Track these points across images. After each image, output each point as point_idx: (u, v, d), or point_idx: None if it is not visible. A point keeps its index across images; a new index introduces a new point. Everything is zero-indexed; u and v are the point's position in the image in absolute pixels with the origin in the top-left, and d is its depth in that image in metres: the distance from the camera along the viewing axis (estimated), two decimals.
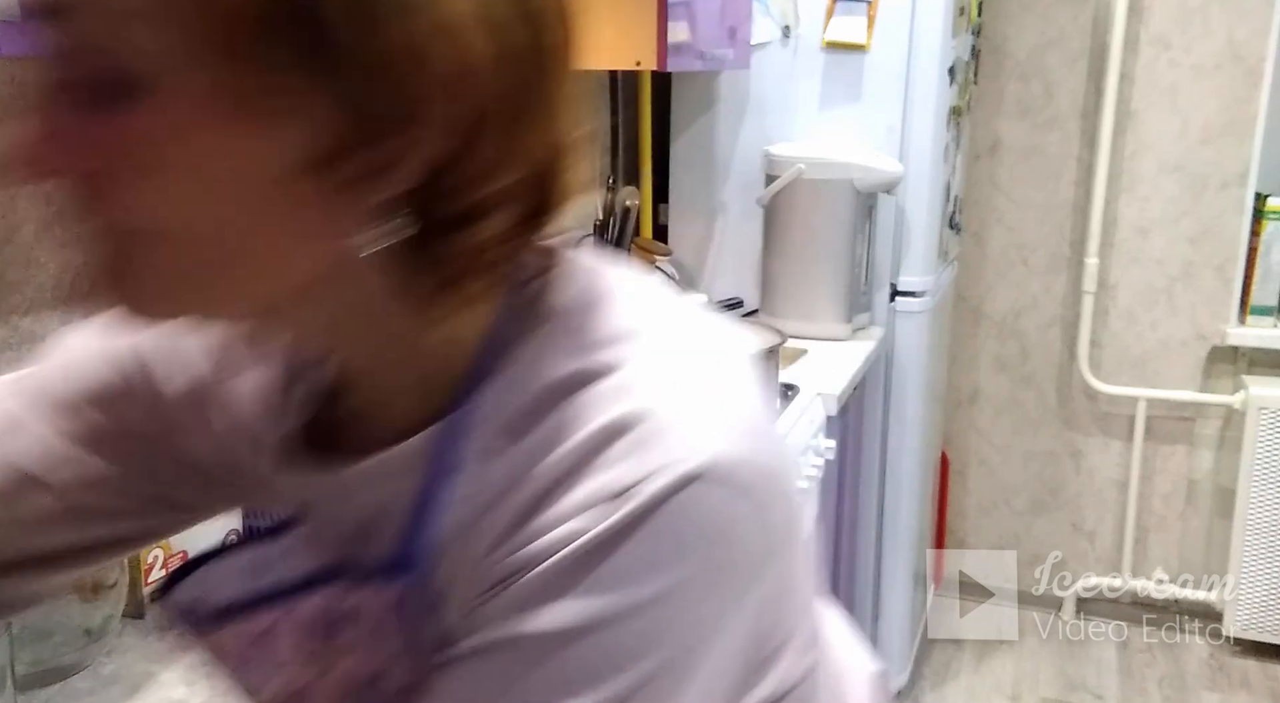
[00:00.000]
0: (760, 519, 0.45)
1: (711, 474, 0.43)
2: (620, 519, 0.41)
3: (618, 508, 0.41)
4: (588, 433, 0.43)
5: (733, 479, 0.43)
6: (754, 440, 0.46)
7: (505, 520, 0.44)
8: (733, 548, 0.44)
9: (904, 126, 2.12)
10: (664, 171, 2.35)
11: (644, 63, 1.67)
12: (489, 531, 0.44)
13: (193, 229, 0.42)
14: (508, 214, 0.45)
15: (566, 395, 0.45)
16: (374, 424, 0.52)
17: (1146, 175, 2.59)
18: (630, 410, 0.43)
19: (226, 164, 0.41)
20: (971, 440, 2.88)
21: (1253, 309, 2.55)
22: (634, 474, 0.42)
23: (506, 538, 0.44)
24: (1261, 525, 2.54)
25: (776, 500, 0.47)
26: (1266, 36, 2.42)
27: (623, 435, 0.43)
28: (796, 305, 2.12)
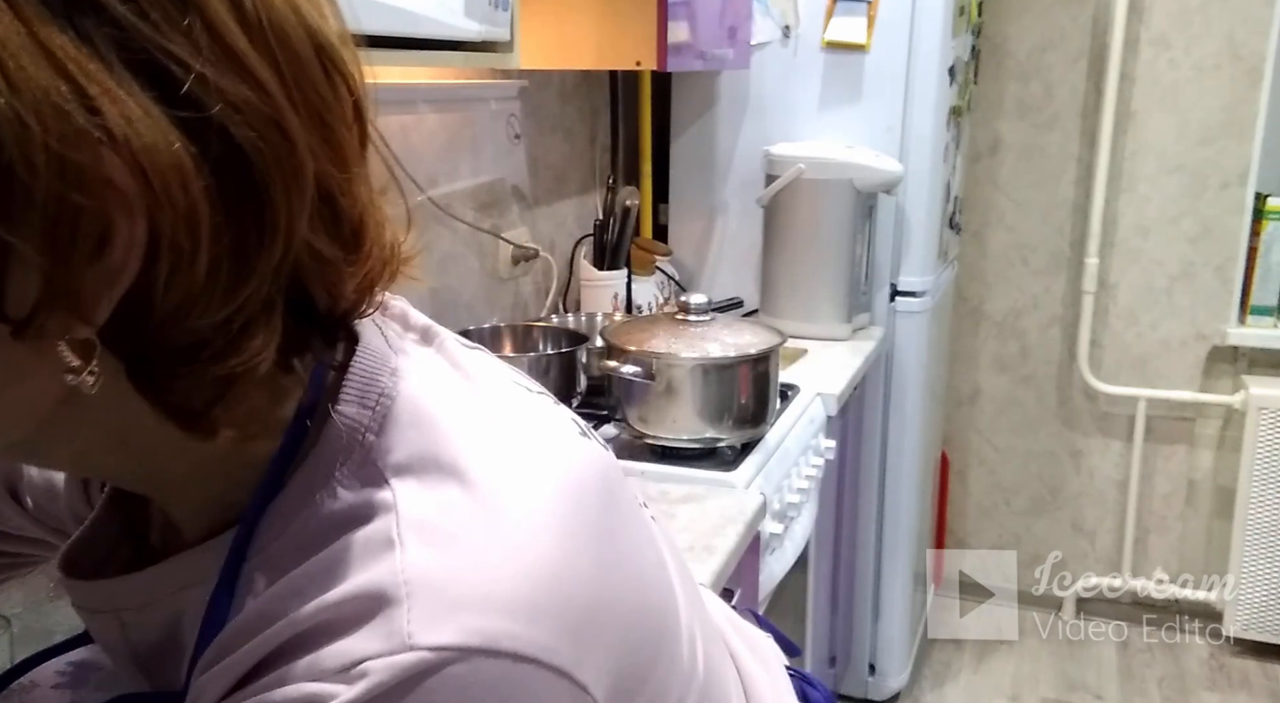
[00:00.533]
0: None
1: (450, 667, 0.37)
2: (363, 698, 0.37)
3: (343, 687, 0.37)
4: (339, 594, 0.39)
5: (480, 673, 0.38)
6: (545, 628, 0.40)
7: (239, 669, 0.40)
8: None
9: (904, 126, 2.12)
10: (664, 172, 2.35)
11: (644, 63, 1.67)
12: (224, 673, 0.40)
13: None
14: (257, 339, 0.40)
15: (335, 533, 0.41)
16: (179, 538, 0.49)
17: (1146, 175, 2.59)
18: (387, 575, 0.39)
19: None
20: (971, 440, 2.88)
21: (1253, 309, 2.54)
22: (366, 651, 0.37)
23: (235, 687, 0.40)
24: (1261, 525, 2.54)
25: (551, 693, 0.39)
26: (1266, 36, 2.42)
27: (373, 604, 0.38)
28: (796, 305, 2.12)
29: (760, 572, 1.47)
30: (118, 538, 0.53)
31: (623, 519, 0.47)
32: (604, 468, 0.47)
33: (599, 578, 0.43)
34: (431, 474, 0.42)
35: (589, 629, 0.42)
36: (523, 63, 1.25)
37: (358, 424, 0.44)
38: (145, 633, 0.48)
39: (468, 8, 1.09)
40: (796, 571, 1.66)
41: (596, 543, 0.44)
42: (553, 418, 0.49)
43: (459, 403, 0.46)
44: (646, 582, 0.47)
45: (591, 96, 2.24)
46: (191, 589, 0.45)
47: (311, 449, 0.44)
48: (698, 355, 1.45)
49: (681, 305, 1.53)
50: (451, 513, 0.41)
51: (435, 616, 0.38)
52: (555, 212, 2.13)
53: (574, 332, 1.76)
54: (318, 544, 0.41)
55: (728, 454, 1.48)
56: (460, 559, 0.40)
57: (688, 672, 0.50)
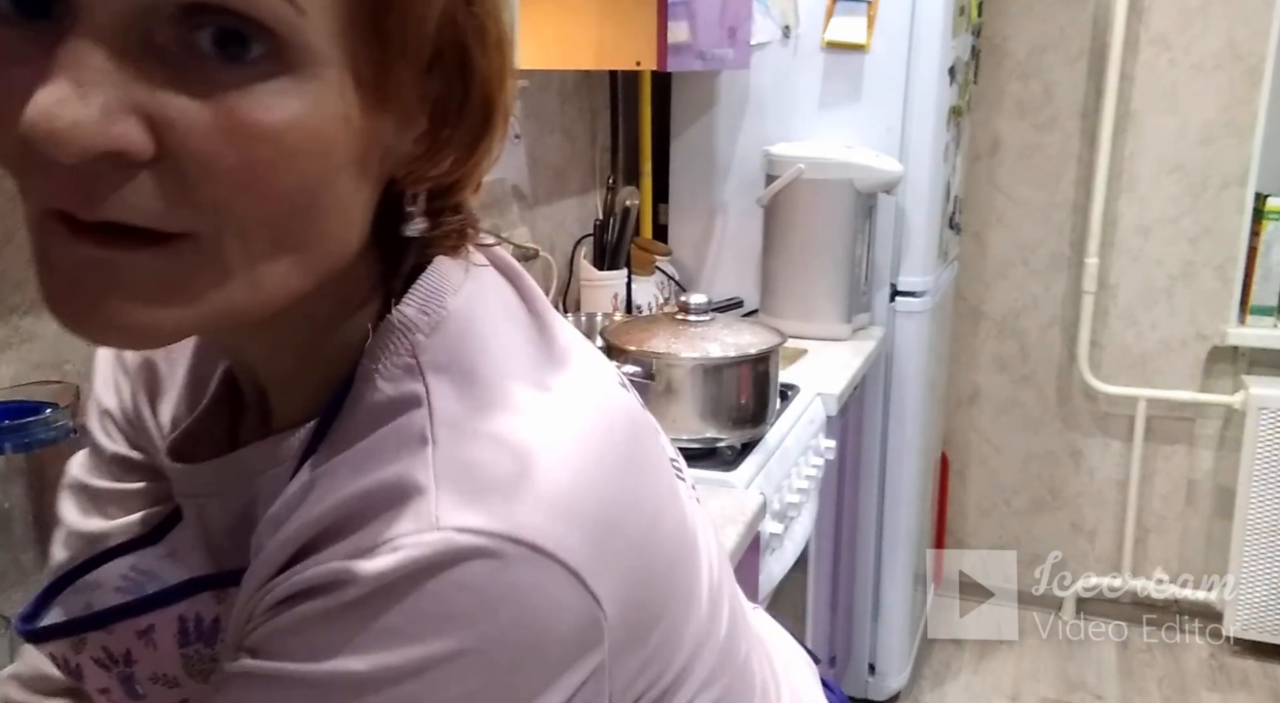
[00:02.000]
0: (542, 609, 0.41)
1: (476, 551, 0.40)
2: (392, 573, 0.39)
3: (373, 560, 0.40)
4: (374, 482, 0.42)
5: (500, 557, 0.40)
6: (563, 527, 0.42)
7: (284, 553, 0.43)
8: (493, 634, 0.40)
9: (904, 126, 2.12)
10: (664, 172, 2.35)
11: (644, 63, 1.67)
12: (270, 557, 0.43)
13: (281, 222, 0.40)
14: (467, 209, 0.49)
15: (373, 424, 0.44)
16: (266, 422, 0.52)
17: (1146, 175, 2.59)
18: (419, 467, 0.42)
19: (343, 150, 0.41)
20: (971, 440, 2.88)
21: (1253, 309, 2.54)
22: (397, 531, 0.40)
23: (290, 562, 0.42)
24: (1261, 526, 2.54)
25: (566, 594, 0.42)
26: (1266, 36, 2.42)
27: (404, 493, 0.41)
28: (796, 305, 2.12)
29: (760, 572, 1.47)
30: (220, 435, 0.56)
31: (646, 467, 0.49)
32: (636, 417, 0.50)
33: (619, 504, 0.45)
34: (468, 379, 0.45)
35: (605, 545, 0.44)
36: (522, 63, 1.25)
37: (411, 324, 0.46)
38: (221, 521, 0.51)
39: None
40: (796, 571, 1.66)
41: (619, 476, 0.46)
42: (599, 364, 0.52)
43: (514, 329, 0.49)
44: (662, 529, 0.48)
45: (591, 96, 2.24)
46: (265, 474, 0.48)
47: (369, 344, 0.47)
48: (698, 355, 1.45)
49: (681, 305, 1.53)
50: (484, 418, 0.44)
51: (461, 502, 0.41)
52: (555, 212, 2.13)
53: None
54: (361, 433, 0.44)
55: (728, 454, 1.48)
56: (489, 457, 0.42)
57: (704, 629, 0.52)
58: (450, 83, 0.44)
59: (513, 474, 0.42)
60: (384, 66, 0.41)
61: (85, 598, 0.56)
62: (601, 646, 0.44)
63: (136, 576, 0.57)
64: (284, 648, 0.41)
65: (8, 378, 1.03)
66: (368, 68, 0.40)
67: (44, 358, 1.08)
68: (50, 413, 0.89)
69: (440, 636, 0.39)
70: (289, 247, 0.41)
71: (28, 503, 0.87)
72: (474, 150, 0.46)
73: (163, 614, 0.51)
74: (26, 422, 0.87)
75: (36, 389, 0.94)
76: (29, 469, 0.87)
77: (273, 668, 0.41)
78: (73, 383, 0.99)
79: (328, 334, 0.48)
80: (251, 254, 0.40)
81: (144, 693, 0.54)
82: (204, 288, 0.40)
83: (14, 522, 0.87)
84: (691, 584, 0.51)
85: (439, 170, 0.46)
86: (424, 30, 0.41)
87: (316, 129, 0.39)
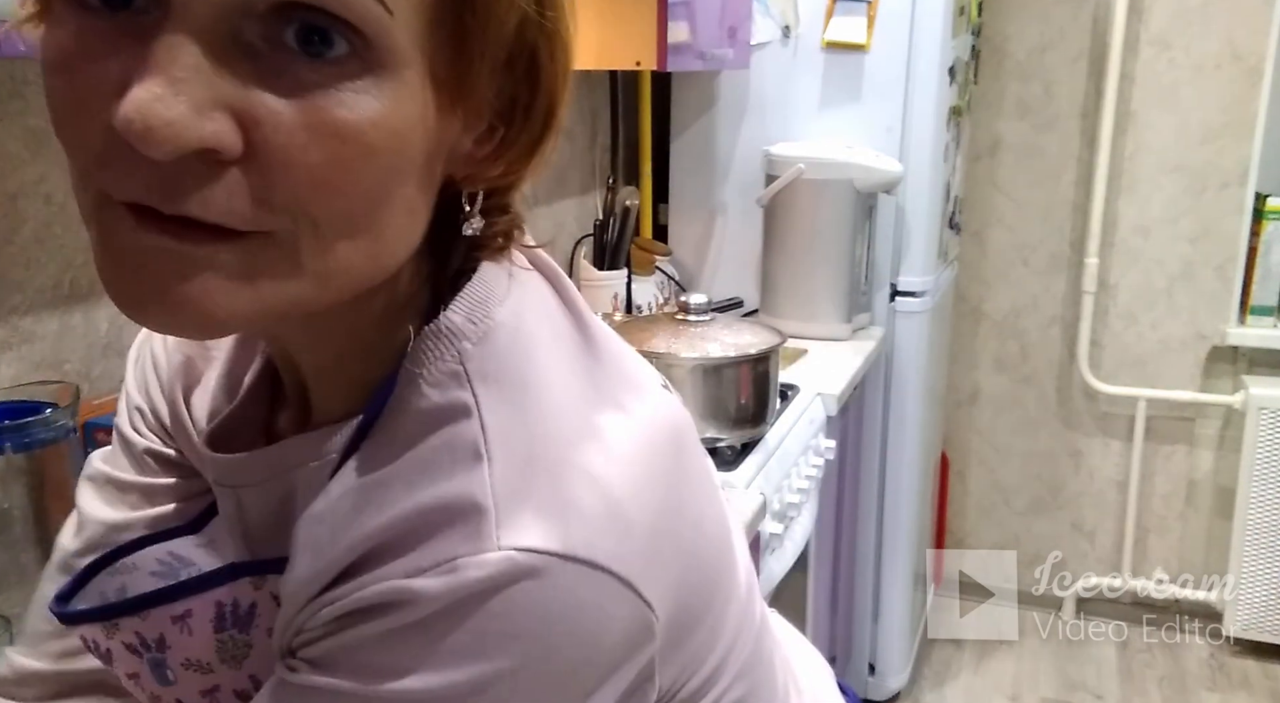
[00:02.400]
0: (590, 623, 0.42)
1: (535, 570, 0.41)
2: (454, 593, 0.40)
3: (434, 580, 0.40)
4: (432, 500, 0.42)
5: (560, 576, 0.41)
6: (615, 541, 0.43)
7: (335, 566, 0.43)
8: (552, 647, 0.41)
9: (904, 126, 2.12)
10: (664, 172, 2.35)
11: (644, 63, 1.67)
12: (319, 572, 0.44)
13: (355, 219, 0.41)
14: (514, 210, 0.49)
15: (422, 432, 0.44)
16: (308, 416, 0.52)
17: (1146, 175, 2.58)
18: (478, 486, 0.42)
19: (418, 149, 0.41)
20: (971, 440, 2.88)
21: (1253, 309, 2.54)
22: (458, 551, 0.41)
23: (345, 575, 0.43)
24: (1261, 526, 2.54)
25: (619, 604, 0.43)
26: (1266, 36, 2.42)
27: (464, 512, 0.41)
28: (796, 305, 2.12)
29: (760, 572, 1.47)
30: (256, 427, 0.57)
31: (691, 472, 0.50)
32: (679, 422, 0.51)
33: (668, 511, 0.46)
34: (516, 391, 0.45)
35: (657, 552, 0.45)
36: None
37: (459, 331, 0.47)
38: (259, 511, 0.52)
39: None
40: (796, 571, 1.66)
41: (668, 484, 0.47)
42: (642, 369, 0.53)
43: (559, 340, 0.49)
44: (705, 533, 0.50)
45: (591, 96, 2.24)
46: (305, 467, 0.48)
47: (413, 348, 0.47)
48: (698, 355, 1.45)
49: (681, 305, 1.53)
50: (535, 432, 0.44)
51: (520, 522, 0.41)
52: (555, 212, 2.13)
53: None
54: (410, 440, 0.44)
55: (728, 454, 1.48)
56: (545, 476, 0.43)
57: (738, 627, 0.54)
58: (519, 85, 0.44)
59: (568, 492, 0.43)
60: (462, 68, 0.41)
61: (121, 580, 0.56)
62: (653, 644, 0.45)
63: (172, 561, 0.57)
64: (347, 666, 0.41)
65: (8, 378, 1.03)
66: (446, 68, 0.41)
67: (44, 358, 1.08)
68: (50, 413, 0.89)
69: (502, 654, 0.40)
70: (359, 244, 0.41)
71: (28, 503, 0.87)
72: (533, 152, 0.47)
73: (201, 599, 0.52)
74: (26, 422, 0.87)
75: (36, 389, 0.94)
76: (29, 469, 0.87)
77: (335, 685, 0.41)
78: (73, 383, 0.99)
79: (374, 330, 0.49)
80: (323, 251, 0.40)
81: (174, 679, 0.54)
82: (274, 281, 0.40)
83: (14, 522, 0.87)
84: (730, 584, 0.53)
85: (497, 171, 0.46)
86: (503, 33, 0.42)
87: (396, 128, 0.39)
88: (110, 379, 1.15)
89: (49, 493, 0.88)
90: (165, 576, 0.56)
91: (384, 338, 0.48)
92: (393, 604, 0.41)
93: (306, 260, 0.40)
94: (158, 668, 0.54)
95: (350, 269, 0.42)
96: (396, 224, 0.43)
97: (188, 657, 0.53)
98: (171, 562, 0.57)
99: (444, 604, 0.40)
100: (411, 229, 0.45)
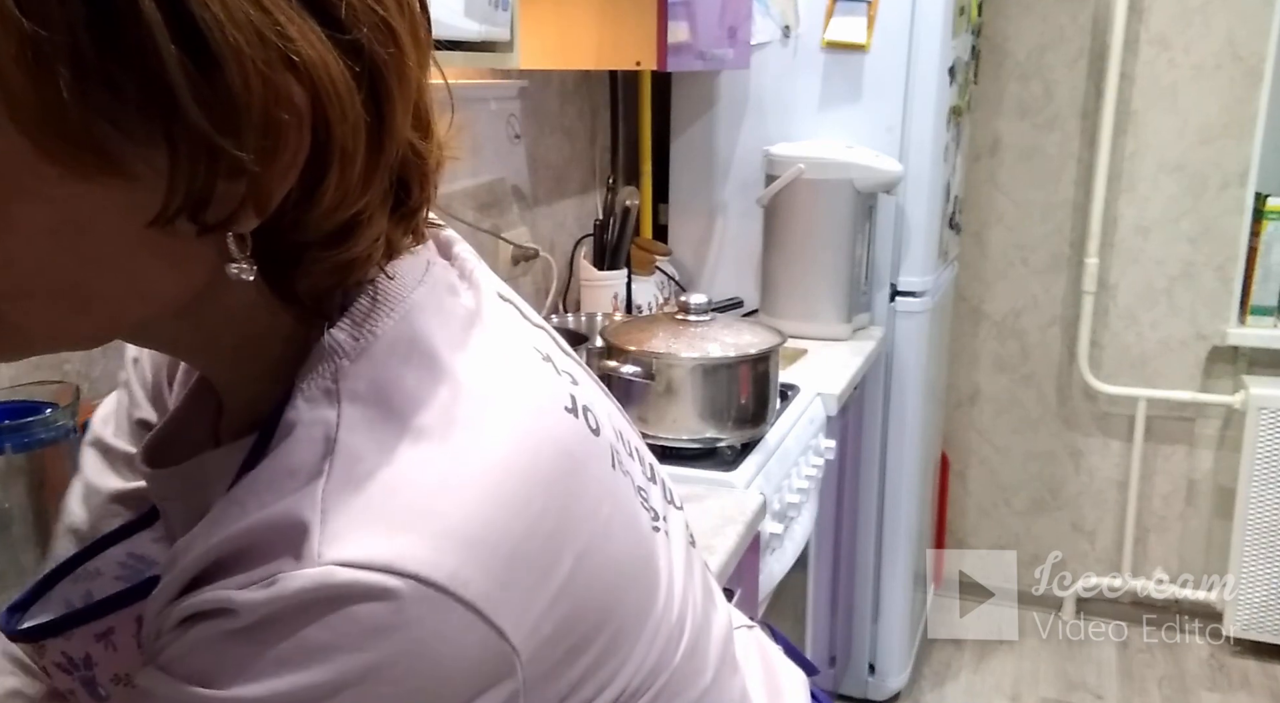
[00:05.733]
0: (417, 647, 0.41)
1: (359, 583, 0.40)
2: (271, 604, 0.40)
3: (255, 592, 0.40)
4: (265, 518, 0.42)
5: (385, 592, 0.40)
6: (458, 564, 0.41)
7: (180, 580, 0.44)
8: (379, 664, 0.40)
9: (904, 126, 2.12)
10: (664, 171, 2.35)
11: (644, 63, 1.67)
12: (170, 583, 0.44)
13: (46, 283, 0.41)
14: (375, 227, 0.46)
15: (292, 445, 0.44)
16: (229, 428, 0.53)
17: (1146, 175, 2.59)
18: (308, 504, 0.42)
19: (71, 220, 0.39)
20: (971, 440, 2.88)
21: (1253, 309, 2.54)
22: (281, 567, 0.40)
23: (189, 587, 0.43)
24: (1261, 526, 2.54)
25: (463, 631, 0.41)
26: (1266, 36, 2.42)
27: (293, 530, 0.41)
28: (796, 305, 2.12)
29: (760, 572, 1.47)
30: (196, 438, 0.56)
31: (577, 499, 0.47)
32: (572, 445, 0.48)
33: (530, 539, 0.44)
34: (380, 409, 0.44)
35: (513, 579, 0.43)
36: (523, 63, 1.25)
37: (339, 349, 0.46)
38: (183, 523, 0.51)
39: (468, 8, 1.09)
40: (796, 571, 1.66)
41: (535, 511, 0.44)
42: (539, 391, 0.50)
43: (447, 351, 0.47)
44: (596, 562, 0.47)
45: (591, 96, 2.24)
46: (216, 485, 0.47)
47: (305, 365, 0.46)
48: (698, 355, 1.45)
49: (681, 305, 1.53)
50: (386, 450, 0.43)
51: (346, 537, 0.40)
52: (555, 212, 2.13)
53: (574, 332, 1.76)
54: (275, 455, 0.44)
55: (728, 454, 1.48)
56: (379, 493, 0.42)
57: (650, 667, 0.51)
58: (215, 130, 0.40)
59: (401, 508, 0.42)
60: (69, 137, 0.39)
61: (84, 587, 0.57)
62: (514, 677, 0.43)
63: (134, 562, 0.57)
64: (184, 670, 0.41)
65: (8, 378, 1.03)
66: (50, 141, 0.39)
67: (44, 358, 1.08)
68: (50, 413, 0.89)
69: (323, 666, 0.39)
70: (66, 309, 0.42)
71: (28, 503, 0.87)
72: (324, 180, 0.43)
73: (121, 616, 0.52)
74: (26, 422, 0.87)
75: (36, 389, 0.94)
76: (29, 469, 0.87)
77: (175, 690, 0.41)
78: (72, 383, 0.99)
79: (265, 349, 0.49)
80: (42, 321, 0.42)
81: (107, 694, 0.54)
82: (12, 345, 0.43)
83: (14, 522, 0.87)
84: (639, 615, 0.50)
85: (317, 210, 0.43)
86: None
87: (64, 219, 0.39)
88: (110, 379, 1.15)
89: (49, 493, 0.87)
90: (130, 578, 0.56)
91: (277, 355, 0.48)
92: (218, 612, 0.41)
93: (31, 328, 0.42)
94: (89, 685, 0.54)
95: (82, 326, 0.43)
96: (120, 284, 0.42)
97: (116, 672, 0.53)
98: (134, 564, 0.57)
99: (263, 614, 0.40)
100: (147, 285, 0.43)
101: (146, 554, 0.58)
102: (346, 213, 0.44)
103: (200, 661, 0.41)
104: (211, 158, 0.39)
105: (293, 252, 0.45)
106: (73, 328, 0.44)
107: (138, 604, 0.51)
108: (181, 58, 0.36)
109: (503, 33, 1.17)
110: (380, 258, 0.48)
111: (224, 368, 0.51)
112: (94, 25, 0.35)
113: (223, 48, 0.37)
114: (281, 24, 0.38)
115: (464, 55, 1.13)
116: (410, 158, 0.47)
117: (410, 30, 0.44)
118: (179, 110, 0.37)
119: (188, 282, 0.44)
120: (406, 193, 0.48)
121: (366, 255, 0.46)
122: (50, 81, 0.35)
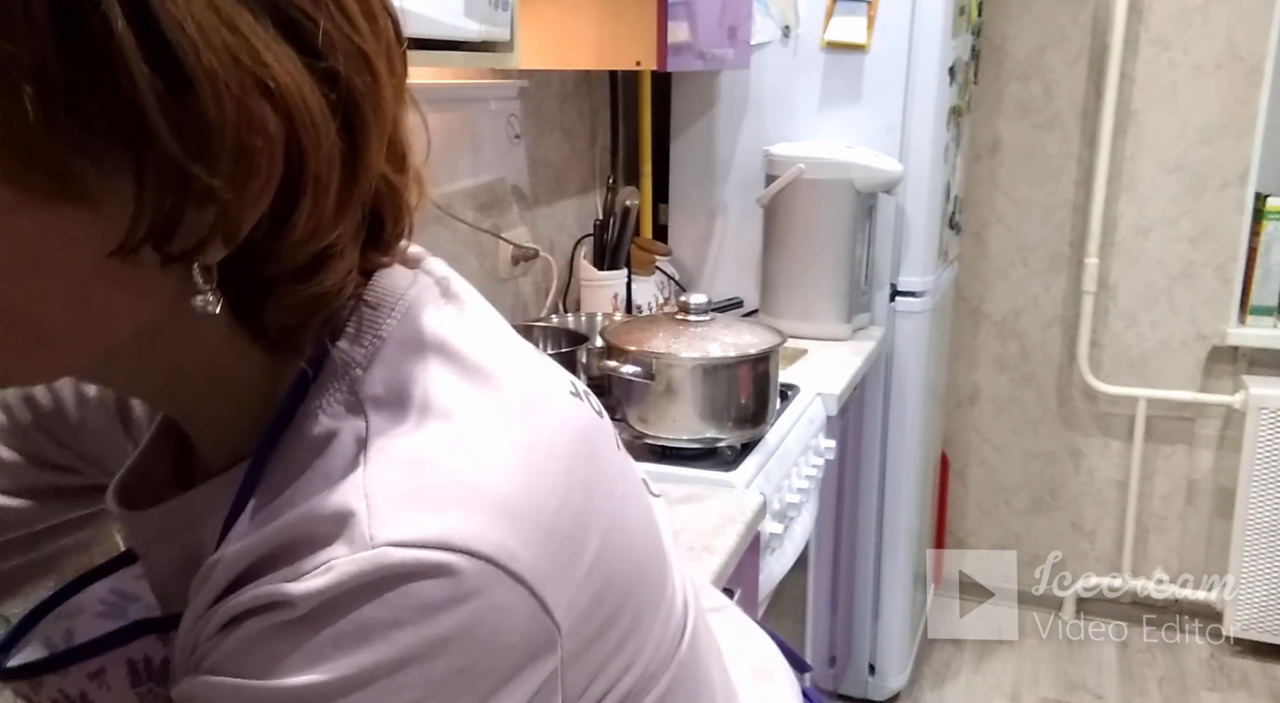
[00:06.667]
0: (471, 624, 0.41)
1: (415, 561, 0.40)
2: (327, 591, 0.40)
3: (309, 581, 0.40)
4: (307, 511, 0.42)
5: (440, 567, 0.40)
6: (503, 537, 0.42)
7: (220, 584, 0.43)
8: (438, 639, 0.40)
9: (904, 126, 2.12)
10: (664, 171, 2.35)
11: (644, 63, 1.67)
12: (220, 577, 0.44)
13: (10, 309, 0.39)
14: (347, 260, 0.45)
15: (311, 459, 0.44)
16: (205, 465, 0.52)
17: (1146, 175, 2.59)
18: (351, 491, 0.42)
19: (28, 247, 0.38)
20: (971, 440, 2.88)
21: (1253, 309, 2.54)
22: (332, 554, 0.40)
23: (229, 589, 0.43)
24: (1261, 526, 2.54)
25: (512, 602, 0.42)
26: (1266, 36, 2.42)
27: (339, 519, 0.41)
28: (796, 305, 2.12)
29: (760, 572, 1.47)
30: (170, 474, 0.56)
31: (598, 477, 0.48)
32: (585, 426, 0.49)
33: (565, 512, 0.45)
34: (407, 408, 0.45)
35: (554, 553, 0.43)
36: (523, 63, 1.25)
37: (350, 359, 0.46)
38: (167, 564, 0.51)
39: (468, 8, 1.09)
40: (796, 570, 1.66)
41: (563, 488, 0.45)
42: (545, 376, 0.51)
43: (451, 350, 0.48)
44: (618, 541, 0.48)
45: (591, 96, 2.24)
46: (208, 521, 0.47)
47: (313, 385, 0.46)
48: (698, 355, 1.45)
49: (681, 305, 1.53)
50: (418, 437, 0.44)
51: (394, 516, 0.41)
52: (555, 212, 2.13)
53: (574, 332, 1.76)
54: (300, 468, 0.44)
55: (728, 454, 1.48)
56: (420, 475, 0.42)
57: (669, 637, 0.52)
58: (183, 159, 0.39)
59: (444, 487, 0.42)
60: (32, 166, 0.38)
61: (65, 625, 0.56)
62: (555, 653, 0.44)
63: (117, 599, 0.57)
64: (239, 667, 0.41)
65: None
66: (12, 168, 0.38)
67: None
68: None
69: (390, 642, 0.40)
70: (30, 344, 0.41)
71: None
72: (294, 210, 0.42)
73: (109, 658, 0.52)
74: None
75: None
76: None
77: (233, 688, 0.41)
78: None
79: (222, 388, 0.48)
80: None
81: None
82: None
83: None
84: (654, 595, 0.51)
85: (288, 241, 0.43)
86: None
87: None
88: None
89: None
90: (112, 615, 0.56)
91: (262, 389, 0.48)
92: (270, 606, 0.40)
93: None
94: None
95: (33, 361, 0.42)
96: (77, 315, 0.41)
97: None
98: (116, 601, 0.57)
99: (321, 601, 0.40)
100: (107, 318, 0.42)
101: (130, 591, 0.57)
102: (318, 244, 0.43)
103: (258, 655, 0.40)
104: (181, 184, 0.37)
105: (261, 284, 0.44)
106: (29, 362, 0.42)
107: (130, 645, 0.51)
108: (154, 79, 0.35)
109: (502, 33, 1.17)
110: (349, 292, 0.47)
111: (192, 408, 0.50)
112: (64, 43, 0.34)
113: (197, 70, 0.36)
114: (257, 49, 0.38)
115: (464, 55, 1.13)
116: (384, 191, 0.47)
117: (386, 61, 0.44)
118: (149, 133, 0.36)
119: (150, 314, 0.43)
120: (380, 226, 0.48)
121: (338, 289, 0.45)
122: (15, 100, 0.34)
